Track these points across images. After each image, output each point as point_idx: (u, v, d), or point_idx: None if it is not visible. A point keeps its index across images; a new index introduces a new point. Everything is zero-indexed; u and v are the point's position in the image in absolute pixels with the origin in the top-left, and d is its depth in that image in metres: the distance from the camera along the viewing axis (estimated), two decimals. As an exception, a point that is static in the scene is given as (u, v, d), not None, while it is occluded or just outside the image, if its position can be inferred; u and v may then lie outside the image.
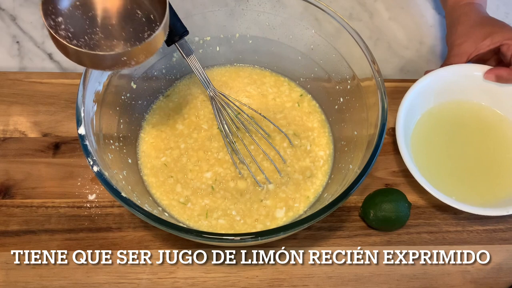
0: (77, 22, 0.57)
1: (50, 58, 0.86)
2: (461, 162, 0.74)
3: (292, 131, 0.75)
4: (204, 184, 0.70)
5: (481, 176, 0.74)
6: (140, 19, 0.58)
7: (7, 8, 0.89)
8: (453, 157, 0.75)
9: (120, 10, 0.59)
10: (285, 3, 0.71)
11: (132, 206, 0.57)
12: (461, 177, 0.73)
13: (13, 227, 0.69)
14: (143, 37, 0.57)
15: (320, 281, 0.67)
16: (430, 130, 0.76)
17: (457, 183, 0.73)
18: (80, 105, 0.61)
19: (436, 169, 0.73)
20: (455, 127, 0.77)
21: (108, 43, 0.57)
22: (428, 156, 0.74)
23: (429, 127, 0.77)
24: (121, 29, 0.58)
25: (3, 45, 0.86)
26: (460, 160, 0.75)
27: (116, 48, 0.57)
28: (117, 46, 0.57)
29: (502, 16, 0.94)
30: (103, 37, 0.57)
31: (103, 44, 0.57)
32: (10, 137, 0.76)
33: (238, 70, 0.80)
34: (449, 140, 0.76)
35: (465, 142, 0.76)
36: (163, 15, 0.57)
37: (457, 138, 0.76)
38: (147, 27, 0.58)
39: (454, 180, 0.73)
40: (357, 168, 0.61)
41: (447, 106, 0.78)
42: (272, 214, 0.68)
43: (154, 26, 0.58)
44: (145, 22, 0.58)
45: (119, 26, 0.58)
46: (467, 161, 0.75)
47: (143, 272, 0.67)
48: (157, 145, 0.73)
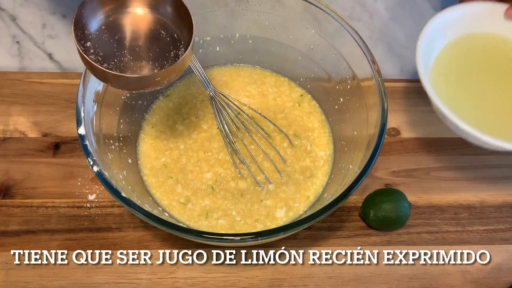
0: (105, 46, 0.58)
1: (50, 58, 0.86)
2: (486, 96, 0.71)
3: (292, 131, 0.75)
4: (204, 185, 0.70)
5: (508, 110, 0.70)
6: (165, 38, 0.60)
7: (7, 8, 0.89)
8: (477, 91, 0.71)
9: (145, 31, 0.60)
10: (285, 3, 0.71)
11: (132, 206, 0.57)
12: (486, 111, 0.69)
13: (13, 227, 0.69)
14: (169, 56, 0.59)
15: (320, 281, 0.67)
16: (452, 63, 0.73)
17: (481, 116, 0.68)
18: (80, 105, 0.61)
19: (459, 101, 0.69)
20: (479, 59, 0.73)
21: (138, 64, 0.58)
22: (450, 88, 0.70)
23: (451, 60, 0.73)
24: (147, 50, 0.59)
25: (3, 45, 0.86)
26: (484, 93, 0.71)
27: (145, 68, 0.58)
28: (146, 67, 0.58)
29: (502, 16, 0.94)
30: (132, 58, 0.58)
31: (132, 65, 0.58)
32: (10, 137, 0.76)
33: (238, 70, 0.80)
34: (473, 73, 0.72)
35: (490, 75, 0.72)
36: (188, 34, 0.59)
37: (482, 71, 0.72)
38: (172, 46, 0.59)
39: (478, 113, 0.69)
40: (357, 168, 0.61)
41: (471, 38, 0.74)
42: (272, 214, 0.68)
43: (179, 44, 0.60)
44: (169, 41, 0.60)
45: (145, 47, 0.59)
46: (493, 94, 0.71)
47: (143, 272, 0.67)
48: (157, 145, 0.73)
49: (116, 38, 0.59)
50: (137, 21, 0.60)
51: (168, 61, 0.59)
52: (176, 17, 0.60)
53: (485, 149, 0.68)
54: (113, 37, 0.59)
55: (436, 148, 0.79)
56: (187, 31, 0.59)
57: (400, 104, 0.82)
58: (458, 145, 0.79)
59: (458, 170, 0.77)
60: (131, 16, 0.60)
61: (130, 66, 0.58)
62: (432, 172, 0.76)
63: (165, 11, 0.60)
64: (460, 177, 0.76)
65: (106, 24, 0.59)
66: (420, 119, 0.81)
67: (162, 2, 0.60)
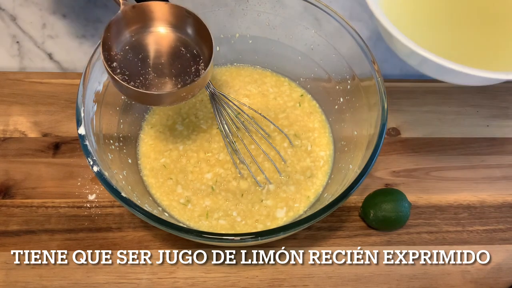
0: (130, 64, 0.60)
1: (50, 58, 0.86)
2: (450, 15, 0.58)
3: (293, 131, 0.75)
4: (204, 185, 0.70)
5: (476, 33, 0.57)
6: (185, 55, 0.62)
7: (7, 8, 0.88)
8: (439, 9, 0.58)
9: (167, 49, 0.62)
10: (285, 3, 0.71)
11: (132, 206, 0.57)
12: (448, 33, 0.57)
13: (13, 227, 0.69)
14: (190, 71, 0.61)
15: (320, 281, 0.67)
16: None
17: (440, 39, 0.57)
18: (80, 105, 0.61)
19: (415, 23, 0.57)
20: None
21: (162, 81, 0.60)
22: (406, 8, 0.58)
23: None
24: (170, 67, 0.61)
25: (3, 45, 0.86)
26: (449, 12, 0.58)
27: (168, 84, 0.60)
28: (169, 83, 0.61)
29: (502, 16, 0.94)
30: (155, 76, 0.61)
31: (157, 82, 0.60)
32: (10, 137, 0.76)
33: (238, 70, 0.80)
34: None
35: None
36: (207, 49, 0.61)
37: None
38: (192, 62, 0.62)
39: (436, 35, 0.57)
40: (357, 168, 0.61)
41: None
42: (272, 214, 0.68)
43: (198, 60, 0.62)
44: (189, 57, 0.62)
45: (168, 64, 0.62)
46: (458, 14, 0.58)
47: (143, 272, 0.67)
48: (156, 146, 0.73)
49: (140, 57, 0.61)
50: (159, 40, 0.62)
51: (189, 76, 0.61)
52: (195, 34, 0.62)
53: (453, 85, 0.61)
54: (137, 56, 0.61)
55: (436, 148, 0.79)
56: (205, 46, 0.62)
57: (400, 104, 0.82)
58: (458, 145, 0.79)
59: (458, 170, 0.77)
60: (153, 35, 0.62)
61: (155, 83, 0.60)
62: (432, 172, 0.76)
63: (186, 30, 0.63)
64: (460, 177, 0.76)
65: (130, 44, 0.61)
66: (420, 119, 0.81)
67: (182, 22, 0.62)
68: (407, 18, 0.56)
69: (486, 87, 0.85)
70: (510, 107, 0.83)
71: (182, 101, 0.62)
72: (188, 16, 0.61)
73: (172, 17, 0.62)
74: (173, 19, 0.62)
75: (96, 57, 0.64)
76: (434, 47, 0.51)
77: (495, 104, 0.83)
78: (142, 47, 0.61)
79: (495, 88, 0.85)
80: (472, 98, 0.83)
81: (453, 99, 0.83)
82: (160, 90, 0.60)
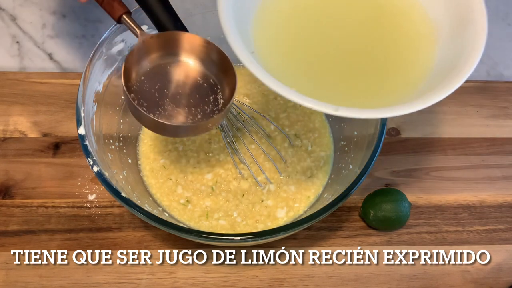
0: (149, 94, 0.59)
1: (50, 58, 0.86)
2: (325, 52, 0.54)
3: (294, 131, 0.75)
4: (204, 186, 0.70)
5: (352, 71, 0.54)
6: (202, 84, 0.61)
7: (7, 8, 0.88)
8: (314, 46, 0.54)
9: (184, 79, 0.61)
10: (285, 3, 0.71)
11: (132, 206, 0.57)
12: (322, 73, 0.53)
13: (13, 227, 0.69)
14: (209, 101, 0.60)
15: (320, 281, 0.67)
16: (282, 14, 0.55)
17: (318, 80, 0.53)
18: (80, 105, 0.61)
19: (289, 62, 0.53)
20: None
21: (181, 112, 0.60)
22: (279, 44, 0.54)
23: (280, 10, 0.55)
24: (188, 97, 0.60)
25: (3, 45, 0.86)
26: (324, 49, 0.54)
27: (190, 115, 0.59)
28: (189, 114, 0.59)
29: (502, 16, 0.94)
30: (174, 106, 0.60)
31: (176, 113, 0.59)
32: (10, 137, 0.76)
33: (238, 69, 0.79)
34: (312, 21, 0.55)
35: (334, 23, 0.56)
36: (225, 78, 0.61)
37: (323, 18, 0.56)
38: (210, 91, 0.61)
39: (313, 76, 0.53)
40: (357, 168, 0.61)
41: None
42: (273, 215, 0.68)
43: (216, 89, 0.61)
44: (207, 86, 0.61)
45: (186, 94, 0.61)
46: (334, 49, 0.54)
47: (143, 272, 0.67)
48: (156, 147, 0.73)
49: (158, 87, 0.60)
50: (178, 69, 0.62)
51: (208, 106, 0.60)
52: (215, 64, 0.61)
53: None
54: (156, 85, 0.60)
55: (436, 148, 0.79)
56: (225, 74, 0.61)
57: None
58: (458, 145, 0.79)
59: (458, 170, 0.77)
60: (171, 65, 0.61)
61: (174, 114, 0.59)
62: (432, 172, 0.76)
63: (206, 60, 0.62)
64: (460, 177, 0.76)
65: (148, 74, 0.60)
66: (420, 119, 0.81)
67: (202, 52, 0.61)
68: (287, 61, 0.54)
69: (486, 87, 0.85)
70: (510, 107, 0.83)
71: (205, 132, 0.61)
72: (207, 46, 0.60)
73: (191, 46, 0.61)
74: (193, 49, 0.61)
75: (96, 57, 0.64)
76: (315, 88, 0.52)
77: (495, 104, 0.83)
78: (159, 77, 0.60)
79: (495, 88, 0.85)
80: (472, 98, 0.83)
81: (453, 99, 0.83)
82: (179, 121, 0.59)
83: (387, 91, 0.53)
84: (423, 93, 0.51)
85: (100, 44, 0.64)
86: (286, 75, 0.51)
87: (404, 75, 0.53)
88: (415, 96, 0.51)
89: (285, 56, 0.54)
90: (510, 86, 0.85)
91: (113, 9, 0.58)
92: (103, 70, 0.66)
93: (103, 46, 0.64)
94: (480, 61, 0.87)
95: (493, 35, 0.92)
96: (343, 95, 0.52)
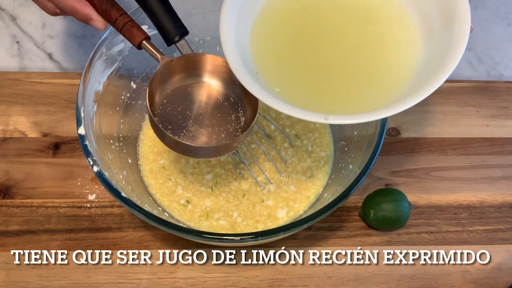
0: (172, 116, 0.60)
1: (50, 58, 0.86)
2: (317, 63, 0.57)
3: (295, 131, 0.75)
4: (204, 186, 0.70)
5: (341, 81, 0.56)
6: (223, 103, 0.62)
7: (7, 8, 0.89)
8: (307, 57, 0.57)
9: (206, 99, 0.62)
10: (285, 3, 0.71)
11: (132, 206, 0.57)
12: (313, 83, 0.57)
13: (13, 227, 0.69)
14: (231, 119, 0.61)
15: (320, 281, 0.67)
16: (277, 25, 0.59)
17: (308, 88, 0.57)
18: (80, 105, 0.61)
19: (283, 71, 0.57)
20: (309, 16, 0.59)
21: (205, 132, 0.60)
22: (276, 56, 0.57)
23: (275, 21, 0.59)
24: (211, 116, 0.61)
25: (3, 45, 0.86)
26: (315, 58, 0.57)
27: (213, 135, 0.60)
28: (213, 133, 0.60)
29: (502, 16, 0.94)
30: (198, 127, 0.60)
31: (200, 134, 0.60)
32: (10, 137, 0.76)
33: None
34: (303, 34, 0.58)
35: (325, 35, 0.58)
36: (245, 97, 0.61)
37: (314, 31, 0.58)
38: (231, 110, 0.62)
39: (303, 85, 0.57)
40: (357, 168, 0.61)
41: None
42: (273, 215, 0.68)
43: (237, 107, 0.62)
44: (228, 105, 0.62)
45: (208, 114, 0.61)
46: (325, 60, 0.57)
47: (143, 272, 0.67)
48: (155, 147, 0.73)
49: (180, 109, 0.61)
50: (198, 90, 0.62)
51: (231, 125, 0.61)
52: (234, 86, 0.62)
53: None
54: (178, 107, 0.61)
55: (436, 148, 0.79)
56: (244, 95, 0.61)
57: (400, 104, 0.82)
58: (458, 145, 0.79)
59: (458, 170, 0.77)
60: (192, 86, 0.62)
61: (198, 135, 0.60)
62: (432, 172, 0.76)
63: (229, 84, 0.62)
64: (460, 177, 0.76)
65: (172, 96, 0.61)
66: (420, 119, 0.81)
67: (221, 73, 0.62)
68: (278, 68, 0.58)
69: (486, 87, 0.85)
70: (510, 107, 0.83)
71: (231, 151, 0.62)
72: (226, 66, 0.60)
73: (211, 67, 0.61)
74: (212, 69, 0.62)
75: (96, 57, 0.64)
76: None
77: (495, 104, 0.83)
78: (181, 99, 0.61)
79: (495, 88, 0.85)
80: (472, 98, 0.83)
81: (453, 99, 0.83)
82: (203, 142, 0.60)
83: (376, 93, 0.55)
84: (412, 91, 0.52)
85: (100, 44, 0.64)
86: (282, 83, 0.55)
87: (390, 77, 0.56)
88: (404, 96, 0.52)
89: (280, 65, 0.57)
90: (510, 86, 0.85)
91: (132, 36, 0.58)
92: (103, 70, 0.66)
93: (103, 46, 0.64)
94: (480, 61, 0.87)
95: (493, 35, 0.93)
96: (335, 100, 0.55)
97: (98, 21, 0.58)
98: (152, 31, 0.63)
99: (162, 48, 0.66)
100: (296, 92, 0.56)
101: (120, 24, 0.58)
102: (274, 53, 0.58)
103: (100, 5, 0.57)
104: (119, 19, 0.58)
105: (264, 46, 0.58)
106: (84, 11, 0.57)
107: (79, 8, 0.57)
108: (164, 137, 0.59)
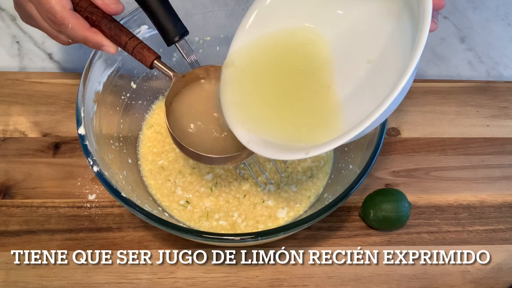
0: (188, 129, 0.62)
1: (50, 58, 0.86)
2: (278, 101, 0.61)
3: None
4: (204, 187, 0.70)
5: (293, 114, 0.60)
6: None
7: (7, 8, 0.89)
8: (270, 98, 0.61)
9: (218, 108, 0.62)
10: (285, 3, 0.71)
11: (132, 206, 0.57)
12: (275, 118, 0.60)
13: (13, 227, 0.69)
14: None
15: (320, 281, 0.67)
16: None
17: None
18: (80, 105, 0.61)
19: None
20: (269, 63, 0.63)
21: (219, 138, 0.62)
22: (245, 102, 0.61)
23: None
24: (223, 125, 0.62)
25: (3, 45, 0.86)
26: (280, 99, 0.61)
27: (228, 144, 0.61)
28: (228, 140, 0.61)
29: (502, 16, 0.94)
30: (215, 135, 0.62)
31: (217, 143, 0.62)
32: (10, 137, 0.76)
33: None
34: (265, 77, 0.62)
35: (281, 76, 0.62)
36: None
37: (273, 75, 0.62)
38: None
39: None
40: (357, 168, 0.61)
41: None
42: (274, 215, 0.68)
43: None
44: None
45: (218, 119, 0.63)
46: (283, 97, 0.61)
47: (143, 272, 0.67)
48: (154, 147, 0.73)
49: (196, 120, 0.62)
50: (212, 100, 0.63)
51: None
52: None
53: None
54: (194, 118, 0.62)
55: (436, 148, 0.79)
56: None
57: (400, 104, 0.82)
58: (458, 145, 0.79)
59: (458, 170, 0.77)
60: (204, 97, 0.64)
61: (216, 144, 0.62)
62: (432, 172, 0.76)
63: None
64: (460, 177, 0.76)
65: (187, 108, 0.63)
66: (420, 119, 0.81)
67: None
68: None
69: (486, 87, 0.85)
70: (510, 107, 0.83)
71: (248, 157, 0.62)
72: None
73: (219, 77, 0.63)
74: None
75: (96, 57, 0.64)
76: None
77: (495, 104, 0.83)
78: (196, 110, 0.63)
79: (495, 88, 0.85)
80: (472, 98, 0.83)
81: (453, 99, 0.83)
82: (219, 150, 0.61)
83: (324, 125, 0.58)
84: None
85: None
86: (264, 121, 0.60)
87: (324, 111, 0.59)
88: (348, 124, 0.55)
89: (257, 106, 0.61)
90: (510, 86, 0.85)
91: (143, 57, 0.60)
92: (103, 70, 0.66)
93: (103, 46, 0.64)
94: (480, 61, 0.88)
95: (493, 35, 0.93)
96: (304, 132, 0.58)
97: (109, 46, 0.60)
98: (152, 31, 0.63)
99: (162, 48, 0.66)
100: (274, 124, 0.60)
101: (130, 47, 0.59)
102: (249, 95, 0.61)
103: (109, 31, 0.59)
104: (129, 43, 0.59)
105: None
106: (95, 39, 0.59)
107: (90, 37, 0.59)
108: (181, 147, 0.61)
